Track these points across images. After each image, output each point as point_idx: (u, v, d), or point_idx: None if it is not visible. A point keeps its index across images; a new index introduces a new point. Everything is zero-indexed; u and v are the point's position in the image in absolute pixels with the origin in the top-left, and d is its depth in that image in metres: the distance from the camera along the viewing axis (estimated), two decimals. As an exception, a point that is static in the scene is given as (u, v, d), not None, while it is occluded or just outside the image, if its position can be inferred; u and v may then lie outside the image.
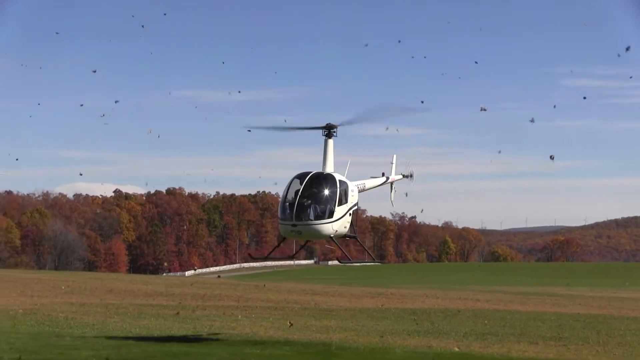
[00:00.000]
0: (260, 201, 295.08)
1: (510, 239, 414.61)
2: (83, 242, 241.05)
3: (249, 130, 52.28)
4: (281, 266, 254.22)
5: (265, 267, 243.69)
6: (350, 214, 37.63)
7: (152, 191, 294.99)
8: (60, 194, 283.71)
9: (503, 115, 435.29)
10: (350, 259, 40.04)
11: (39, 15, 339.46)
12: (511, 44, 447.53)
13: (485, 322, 56.20)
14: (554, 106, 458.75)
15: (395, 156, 46.82)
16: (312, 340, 41.48)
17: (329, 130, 37.67)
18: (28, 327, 43.85)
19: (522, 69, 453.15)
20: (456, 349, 39.43)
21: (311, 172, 36.56)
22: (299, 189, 35.73)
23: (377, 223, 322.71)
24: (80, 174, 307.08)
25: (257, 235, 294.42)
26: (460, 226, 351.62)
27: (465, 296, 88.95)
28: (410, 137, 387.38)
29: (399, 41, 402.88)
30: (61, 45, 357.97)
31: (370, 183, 42.88)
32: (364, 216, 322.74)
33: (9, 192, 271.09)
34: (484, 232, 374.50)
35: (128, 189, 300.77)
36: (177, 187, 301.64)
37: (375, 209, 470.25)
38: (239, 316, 56.18)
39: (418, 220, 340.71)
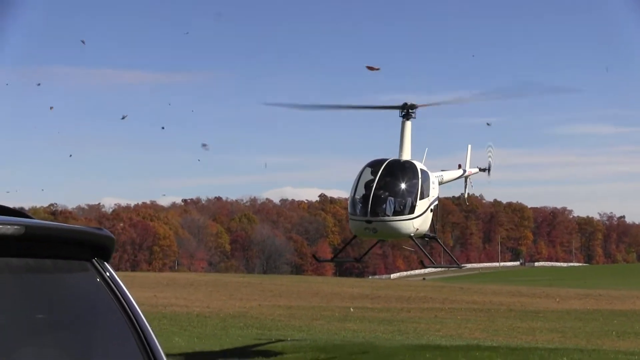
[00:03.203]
0: (463, 203, 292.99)
1: None
2: (290, 246, 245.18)
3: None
4: (487, 268, 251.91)
5: (471, 269, 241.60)
6: (431, 210, 32.03)
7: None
8: (267, 199, 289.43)
9: None
10: (432, 262, 35.54)
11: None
12: None
13: (700, 324, 54.13)
14: None
15: (470, 146, 40.48)
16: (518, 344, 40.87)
17: (406, 111, 32.31)
18: (237, 330, 44.92)
19: None
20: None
21: (387, 160, 31.09)
22: (374, 180, 30.22)
23: (585, 224, 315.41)
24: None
25: (461, 237, 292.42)
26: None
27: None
28: (616, 135, 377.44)
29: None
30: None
31: (447, 175, 36.86)
32: (570, 217, 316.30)
33: (219, 199, 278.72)
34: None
35: (333, 193, 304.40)
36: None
37: (582, 209, 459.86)
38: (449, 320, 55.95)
39: (627, 220, 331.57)
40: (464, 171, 39.22)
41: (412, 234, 30.90)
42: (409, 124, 32.43)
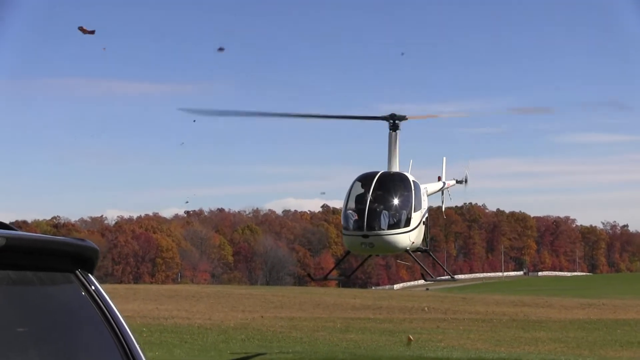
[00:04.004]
0: (467, 213, 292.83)
1: None
2: (293, 257, 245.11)
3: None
4: (489, 278, 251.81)
5: (474, 279, 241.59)
6: (423, 223, 31.78)
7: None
8: (269, 210, 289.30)
9: None
10: (432, 276, 35.12)
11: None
12: None
13: None
14: None
15: (445, 159, 40.36)
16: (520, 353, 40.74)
17: (393, 122, 31.79)
18: (238, 342, 44.80)
19: None
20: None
21: (378, 172, 30.68)
22: (367, 193, 29.81)
23: (588, 233, 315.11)
24: None
25: (465, 247, 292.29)
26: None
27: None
28: (619, 144, 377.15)
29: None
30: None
31: (430, 188, 36.33)
32: (573, 226, 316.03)
33: (221, 210, 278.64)
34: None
35: (335, 203, 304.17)
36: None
37: (585, 218, 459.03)
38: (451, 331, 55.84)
39: (630, 228, 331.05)
40: (444, 183, 39.26)
41: (408, 248, 30.51)
42: (396, 135, 32.08)
